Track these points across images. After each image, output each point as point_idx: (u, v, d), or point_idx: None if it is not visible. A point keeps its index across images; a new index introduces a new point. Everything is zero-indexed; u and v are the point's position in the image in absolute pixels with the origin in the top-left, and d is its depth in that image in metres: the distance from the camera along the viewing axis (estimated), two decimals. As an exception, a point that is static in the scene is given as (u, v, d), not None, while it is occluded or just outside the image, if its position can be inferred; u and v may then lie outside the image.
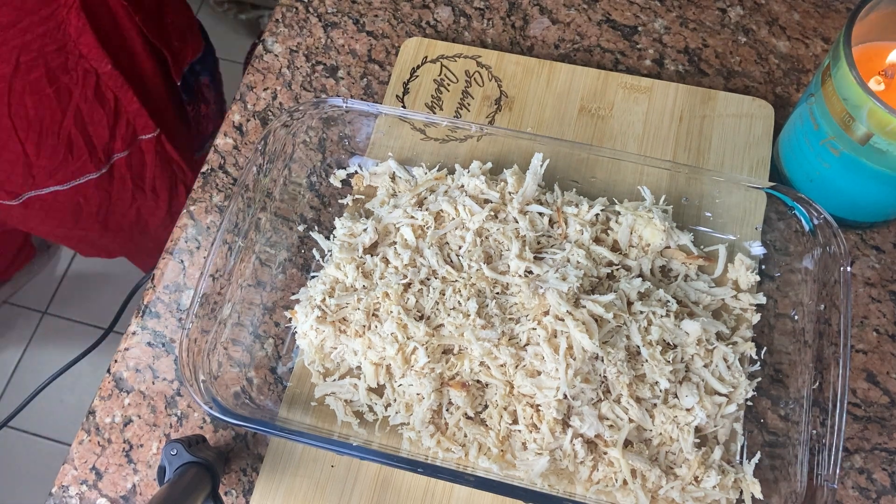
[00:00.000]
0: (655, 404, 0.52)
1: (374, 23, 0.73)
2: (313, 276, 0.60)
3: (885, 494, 0.54)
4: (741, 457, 0.52)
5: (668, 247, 0.58)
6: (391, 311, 0.55)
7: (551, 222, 0.59)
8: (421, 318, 0.55)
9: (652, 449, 0.52)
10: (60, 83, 0.73)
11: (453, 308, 0.55)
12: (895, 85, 0.52)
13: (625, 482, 0.50)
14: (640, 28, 0.71)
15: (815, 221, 0.53)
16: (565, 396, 0.51)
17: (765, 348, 0.55)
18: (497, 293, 0.56)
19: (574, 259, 0.56)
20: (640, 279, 0.56)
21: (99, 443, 0.59)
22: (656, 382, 0.52)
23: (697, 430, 0.52)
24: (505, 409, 0.53)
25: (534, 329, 0.53)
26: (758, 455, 0.52)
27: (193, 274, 0.64)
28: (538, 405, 0.52)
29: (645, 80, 0.67)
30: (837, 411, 0.47)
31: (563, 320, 0.52)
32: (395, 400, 0.55)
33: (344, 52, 0.72)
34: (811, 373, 0.51)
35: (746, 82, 0.68)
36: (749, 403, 0.54)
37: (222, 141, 0.69)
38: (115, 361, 0.61)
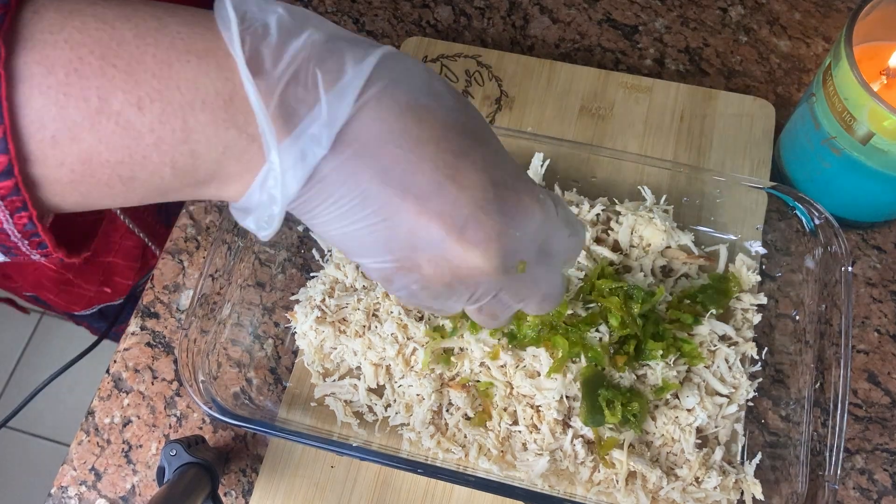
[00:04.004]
0: (657, 405, 0.52)
1: (374, 22, 0.73)
2: (313, 276, 0.60)
3: (886, 495, 0.53)
4: (742, 457, 0.52)
5: (669, 247, 0.58)
6: (391, 312, 0.55)
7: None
8: (421, 318, 0.55)
9: (653, 450, 0.52)
10: None
11: (453, 308, 0.55)
12: (896, 84, 0.52)
13: (626, 482, 0.50)
14: (640, 27, 0.71)
15: (817, 221, 0.53)
16: (564, 398, 0.51)
17: (766, 349, 0.55)
18: (497, 293, 0.56)
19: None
20: (642, 279, 0.55)
21: (98, 443, 0.58)
22: (658, 384, 0.52)
23: (698, 430, 0.52)
24: (505, 409, 0.53)
25: (534, 329, 0.53)
26: (759, 456, 0.52)
27: (193, 274, 0.64)
28: (538, 406, 0.52)
29: (646, 80, 0.66)
30: (839, 412, 0.46)
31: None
32: (394, 400, 0.55)
33: (344, 52, 0.72)
34: (812, 373, 0.51)
35: (747, 82, 0.68)
36: (750, 404, 0.54)
37: (222, 141, 0.69)
38: (115, 362, 0.61)
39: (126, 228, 0.74)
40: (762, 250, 0.58)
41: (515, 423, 0.52)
